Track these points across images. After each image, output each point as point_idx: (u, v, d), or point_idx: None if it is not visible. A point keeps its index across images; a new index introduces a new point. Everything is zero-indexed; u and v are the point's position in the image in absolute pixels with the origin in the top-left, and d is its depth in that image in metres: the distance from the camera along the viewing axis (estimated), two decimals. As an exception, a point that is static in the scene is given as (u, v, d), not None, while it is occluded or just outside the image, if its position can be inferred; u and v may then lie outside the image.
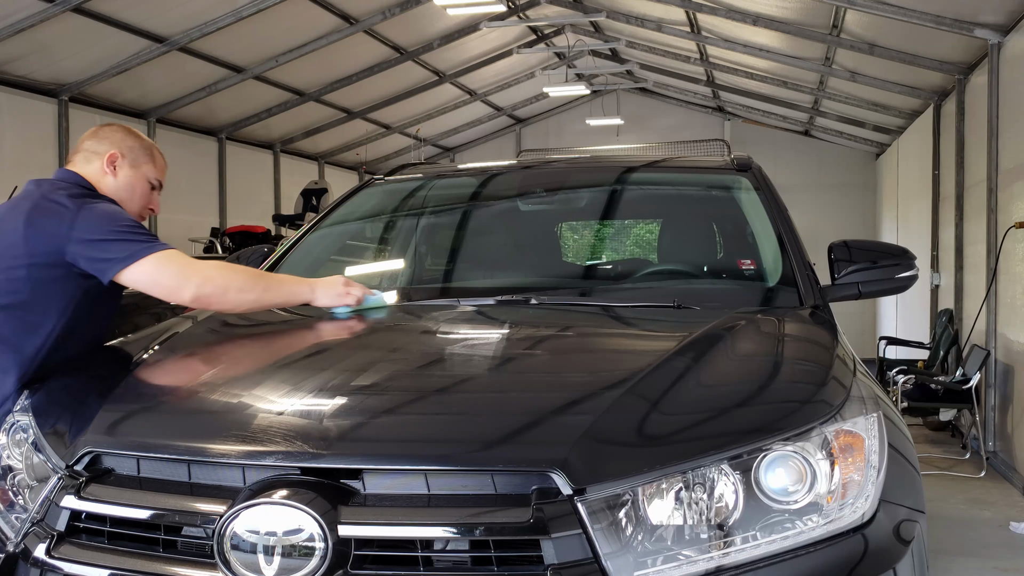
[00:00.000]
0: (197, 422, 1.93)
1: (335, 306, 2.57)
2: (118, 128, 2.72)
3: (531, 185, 3.66)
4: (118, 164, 2.62)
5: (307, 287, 2.58)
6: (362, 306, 2.60)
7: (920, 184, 10.06)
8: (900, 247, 2.96)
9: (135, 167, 2.65)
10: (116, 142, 2.65)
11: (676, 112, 15.59)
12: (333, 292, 2.58)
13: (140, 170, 2.67)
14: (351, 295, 2.59)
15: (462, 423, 1.89)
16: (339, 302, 2.58)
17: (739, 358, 2.18)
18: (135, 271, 2.37)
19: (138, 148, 2.67)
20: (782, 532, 1.71)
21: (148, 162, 2.69)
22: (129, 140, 2.67)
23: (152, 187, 2.72)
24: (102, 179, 2.60)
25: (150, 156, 2.70)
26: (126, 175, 2.63)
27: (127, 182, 2.64)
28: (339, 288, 2.59)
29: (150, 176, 2.70)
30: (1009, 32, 6.71)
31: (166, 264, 2.41)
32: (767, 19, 8.91)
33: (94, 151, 2.62)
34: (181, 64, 9.45)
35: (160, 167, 2.74)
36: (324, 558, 1.60)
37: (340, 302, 2.58)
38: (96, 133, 2.68)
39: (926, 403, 7.41)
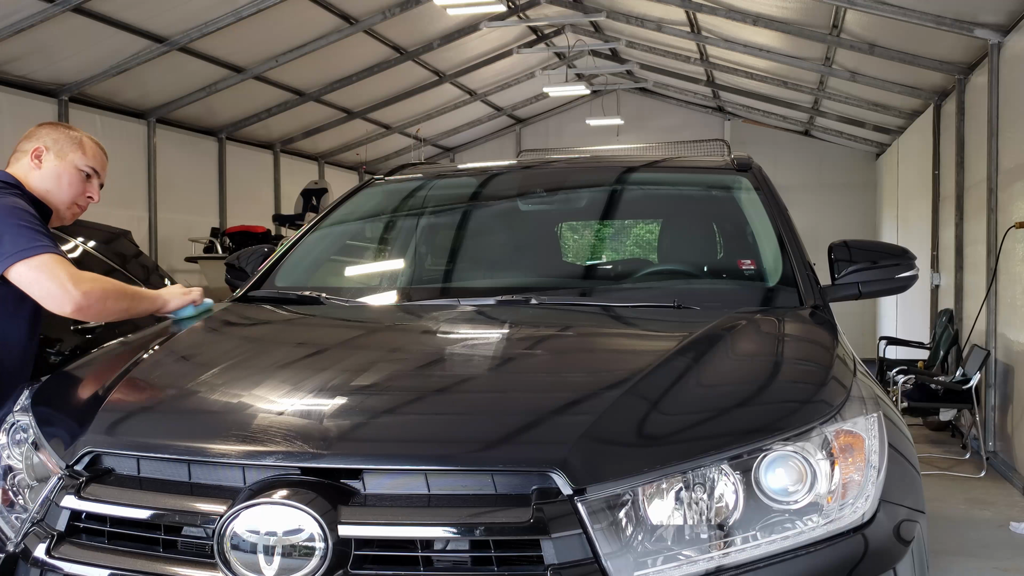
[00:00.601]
0: (197, 422, 1.93)
1: (183, 305, 2.73)
2: (46, 125, 2.77)
3: (531, 185, 3.66)
4: (43, 156, 2.66)
5: (158, 296, 2.72)
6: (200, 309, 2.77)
7: (920, 184, 10.06)
8: (900, 247, 2.96)
9: (60, 157, 2.68)
10: (40, 137, 2.70)
11: (676, 112, 15.59)
12: (178, 294, 2.74)
13: (66, 159, 2.69)
14: (191, 292, 2.76)
15: (462, 423, 1.89)
16: (186, 300, 2.73)
17: (739, 358, 2.18)
18: (22, 268, 2.39)
19: (63, 139, 2.70)
20: (782, 532, 1.71)
21: (75, 150, 2.70)
22: (54, 133, 2.72)
23: (87, 175, 2.73)
24: (29, 174, 2.64)
25: (77, 144, 2.72)
26: (51, 165, 2.67)
27: (52, 172, 2.67)
28: (181, 289, 2.79)
29: (79, 163, 2.71)
30: (1009, 32, 6.71)
31: (56, 269, 2.42)
32: (767, 19, 8.91)
33: (22, 149, 2.69)
34: (181, 64, 9.44)
35: (91, 154, 2.74)
36: (324, 558, 1.60)
37: (186, 300, 2.74)
38: (28, 133, 2.74)
39: (926, 403, 7.41)
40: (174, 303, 2.74)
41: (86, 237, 4.50)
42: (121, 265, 4.50)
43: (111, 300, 2.52)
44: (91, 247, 4.44)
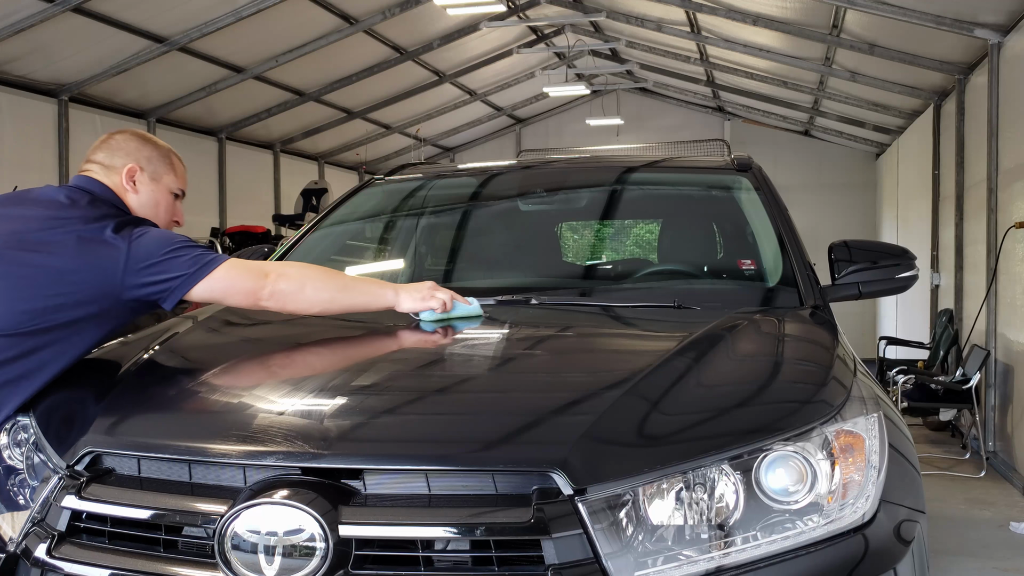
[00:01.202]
0: (198, 422, 1.93)
1: (419, 310, 2.42)
2: (131, 136, 2.51)
3: (531, 185, 3.67)
4: (138, 179, 2.43)
5: (390, 290, 2.43)
6: (450, 314, 2.43)
7: (920, 184, 10.07)
8: (900, 247, 2.96)
9: (155, 180, 2.47)
10: (132, 152, 2.45)
11: (676, 112, 15.59)
12: (417, 295, 2.43)
13: (162, 182, 2.48)
14: (436, 299, 2.42)
15: (463, 423, 1.89)
16: (423, 305, 2.42)
17: (739, 358, 2.18)
18: (209, 282, 2.23)
19: (157, 158, 2.48)
20: (782, 532, 1.71)
21: (168, 172, 2.50)
22: (146, 149, 2.48)
23: (175, 196, 2.54)
24: (125, 196, 2.41)
25: (170, 165, 2.52)
26: (148, 190, 2.45)
27: (150, 197, 2.45)
28: (423, 291, 2.43)
29: (172, 187, 2.51)
30: (1009, 32, 6.71)
31: (239, 267, 2.29)
32: (767, 19, 8.91)
33: (111, 165, 2.42)
34: (181, 64, 9.45)
35: (181, 174, 2.56)
36: (325, 558, 1.60)
37: (424, 305, 2.41)
38: (108, 143, 2.48)
39: (926, 403, 7.41)
40: (407, 304, 2.43)
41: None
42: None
43: (309, 290, 2.32)
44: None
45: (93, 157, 2.45)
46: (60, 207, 2.28)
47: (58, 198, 2.30)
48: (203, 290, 2.24)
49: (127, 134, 2.51)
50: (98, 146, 2.48)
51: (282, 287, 2.29)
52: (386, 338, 2.55)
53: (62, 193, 2.32)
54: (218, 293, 2.27)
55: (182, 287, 2.22)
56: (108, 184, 2.39)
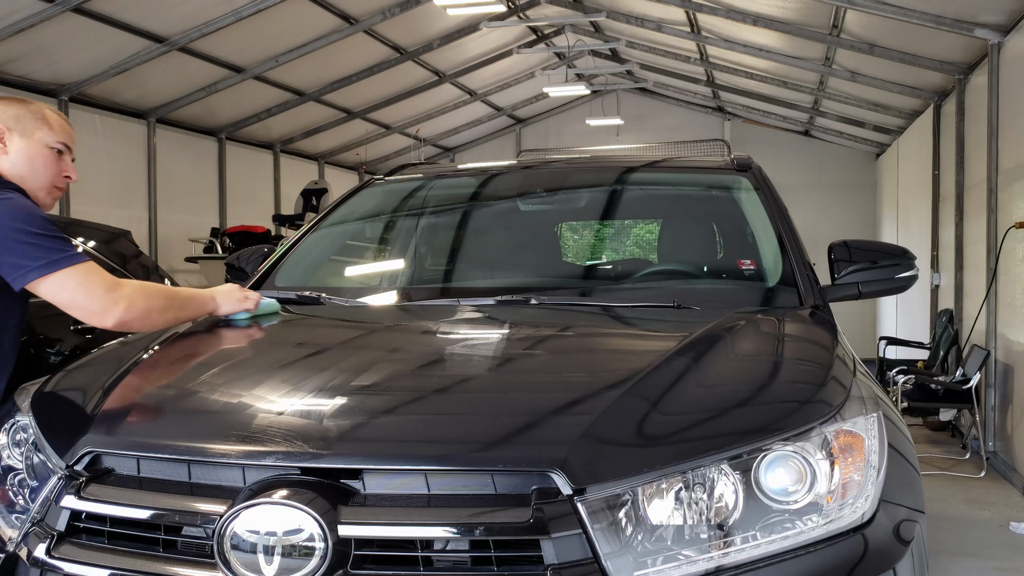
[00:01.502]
0: (197, 422, 1.93)
1: (236, 311, 2.57)
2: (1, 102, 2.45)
3: (531, 185, 3.66)
4: (6, 138, 2.37)
5: (209, 298, 2.53)
6: (258, 311, 2.62)
7: (920, 184, 10.07)
8: (900, 247, 2.96)
9: (26, 136, 2.39)
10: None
11: (676, 112, 15.59)
12: (233, 299, 2.57)
13: (34, 138, 2.40)
14: (249, 299, 2.59)
15: (462, 423, 1.89)
16: (240, 307, 2.57)
17: (739, 358, 2.18)
18: (54, 281, 2.17)
19: (24, 115, 2.41)
20: (782, 532, 1.71)
21: (41, 126, 2.42)
22: (12, 109, 2.41)
23: (59, 152, 2.45)
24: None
25: (41, 119, 2.43)
26: (19, 147, 2.38)
27: (23, 154, 2.39)
28: (237, 294, 2.59)
29: (49, 141, 2.42)
30: (1009, 32, 6.71)
31: (91, 280, 2.22)
32: (767, 19, 8.91)
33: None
34: (181, 64, 9.44)
35: (59, 128, 2.46)
36: (324, 558, 1.60)
37: (241, 307, 2.58)
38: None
39: (926, 403, 7.41)
40: (226, 308, 2.56)
41: (86, 237, 4.50)
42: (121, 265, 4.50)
43: (156, 311, 2.33)
44: (91, 247, 4.44)
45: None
46: None
47: None
48: (47, 289, 2.18)
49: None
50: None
51: (128, 317, 2.27)
52: (386, 338, 2.55)
53: None
54: (62, 300, 2.21)
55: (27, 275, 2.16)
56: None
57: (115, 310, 2.23)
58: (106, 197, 9.62)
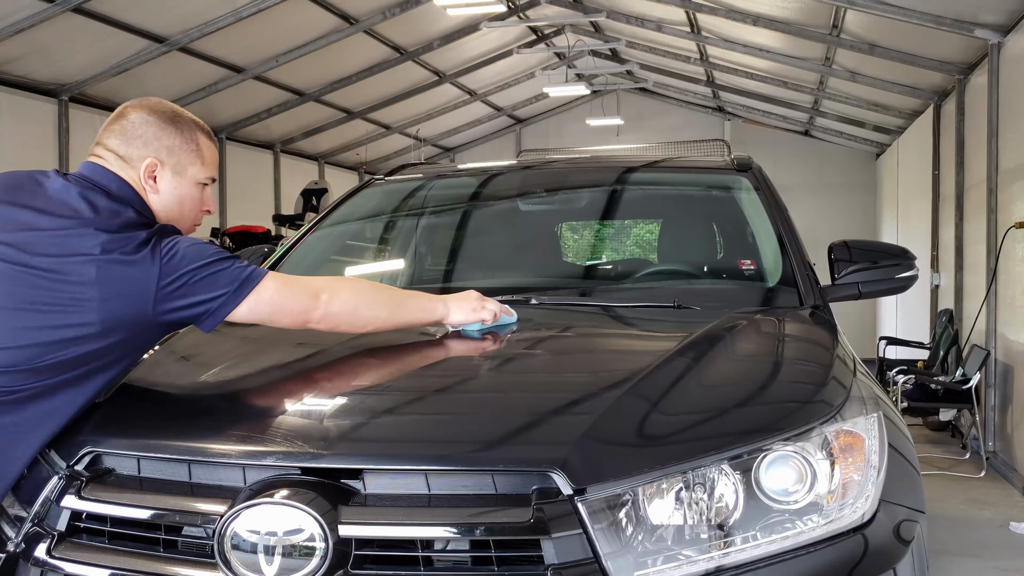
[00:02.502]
0: (197, 422, 1.93)
1: (469, 322, 2.32)
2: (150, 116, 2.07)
3: (531, 185, 3.67)
4: (159, 175, 2.06)
5: (440, 303, 2.29)
6: (497, 324, 2.36)
7: (920, 184, 10.07)
8: (900, 247, 2.96)
9: (179, 173, 2.09)
10: (150, 141, 2.05)
11: (676, 112, 15.59)
12: (467, 307, 2.32)
13: (186, 176, 2.10)
14: (486, 309, 2.33)
15: (462, 423, 1.89)
16: (473, 317, 2.31)
17: (739, 358, 2.18)
18: (254, 300, 1.96)
19: (180, 147, 2.08)
20: (782, 532, 1.71)
21: (195, 161, 2.11)
22: (167, 135, 2.07)
23: (204, 185, 2.16)
24: (144, 194, 2.06)
25: (196, 152, 2.11)
26: (170, 187, 2.08)
27: (173, 197, 2.09)
28: (473, 303, 2.33)
29: (199, 178, 2.13)
30: (1009, 32, 6.71)
31: (287, 285, 2.03)
32: (767, 19, 8.91)
33: (128, 157, 2.05)
34: (181, 64, 9.44)
35: (210, 160, 2.15)
36: (324, 558, 1.60)
37: (475, 317, 2.32)
38: (123, 125, 2.06)
39: (926, 403, 7.41)
40: (457, 317, 2.29)
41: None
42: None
43: (366, 306, 2.12)
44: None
45: (106, 141, 2.07)
46: (74, 212, 1.94)
47: (71, 201, 1.96)
48: (247, 310, 1.97)
49: (144, 111, 2.08)
50: (111, 125, 2.09)
51: (335, 309, 2.07)
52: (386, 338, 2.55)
53: (74, 191, 1.98)
54: (264, 314, 2.01)
55: (223, 308, 1.95)
56: (126, 179, 2.03)
57: (318, 304, 2.04)
58: (106, 197, 9.61)
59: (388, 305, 2.19)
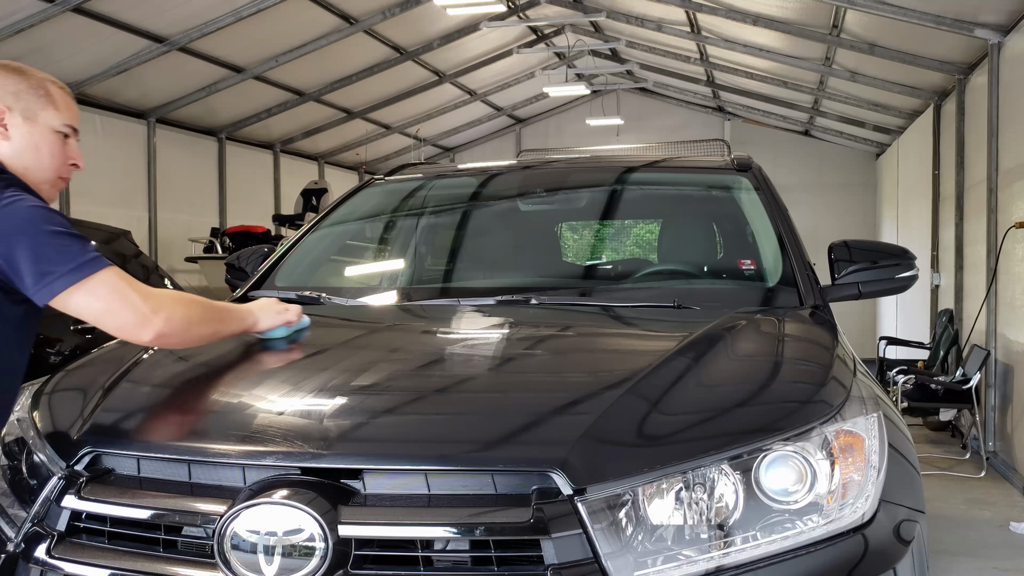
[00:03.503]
0: (197, 422, 1.93)
1: (275, 326, 2.35)
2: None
3: (531, 185, 3.67)
4: (7, 121, 1.98)
5: (248, 313, 2.29)
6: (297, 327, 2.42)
7: (920, 184, 10.07)
8: (900, 247, 2.96)
9: (30, 118, 2.00)
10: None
11: (676, 112, 15.59)
12: (271, 311, 2.34)
13: (38, 121, 2.01)
14: (289, 311, 2.37)
15: (462, 423, 1.89)
16: (279, 320, 2.34)
17: (739, 358, 2.18)
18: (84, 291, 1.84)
19: (27, 91, 2.00)
20: (782, 532, 1.71)
21: (47, 105, 2.02)
22: (10, 83, 2.00)
23: (64, 135, 2.06)
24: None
25: (46, 96, 2.02)
26: (23, 133, 1.99)
27: (27, 141, 1.99)
28: (276, 307, 2.37)
29: (55, 124, 2.03)
30: (1009, 32, 6.71)
31: (127, 287, 1.91)
32: (767, 19, 8.91)
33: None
34: (181, 64, 9.45)
35: (65, 106, 2.05)
36: (324, 558, 1.60)
37: (280, 320, 2.35)
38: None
39: (926, 403, 7.41)
40: (266, 322, 2.31)
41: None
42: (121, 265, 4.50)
43: (196, 323, 2.04)
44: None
45: None
46: None
47: None
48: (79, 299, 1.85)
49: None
50: None
51: (168, 330, 1.96)
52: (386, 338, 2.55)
53: None
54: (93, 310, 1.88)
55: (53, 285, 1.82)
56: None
57: (155, 321, 1.92)
58: (106, 197, 9.62)
59: (213, 321, 2.13)
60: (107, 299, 1.88)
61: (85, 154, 2.16)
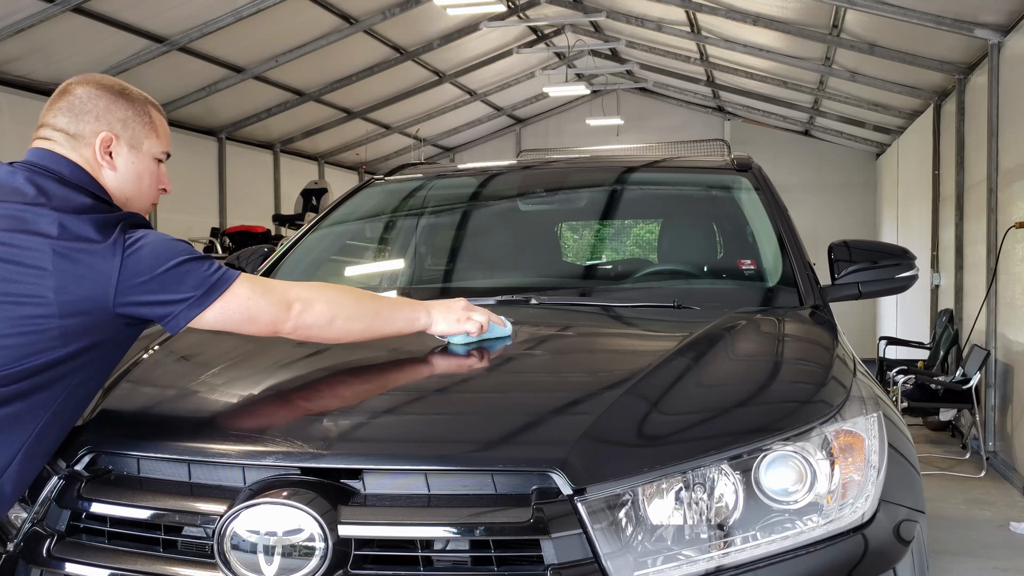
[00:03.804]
0: (197, 422, 1.93)
1: (453, 333, 2.17)
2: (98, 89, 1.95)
3: (531, 185, 3.67)
4: (114, 149, 1.93)
5: (423, 311, 2.13)
6: (485, 336, 2.21)
7: (920, 184, 10.07)
8: (900, 247, 2.96)
9: (136, 147, 1.96)
10: (102, 115, 1.92)
11: (676, 112, 15.59)
12: (452, 317, 2.16)
13: (142, 150, 1.98)
14: (472, 320, 2.18)
15: (462, 423, 1.89)
16: (458, 328, 2.16)
17: (739, 358, 2.18)
18: (221, 307, 1.84)
19: (133, 118, 1.96)
20: (782, 532, 1.71)
21: (150, 133, 1.99)
22: (119, 108, 1.94)
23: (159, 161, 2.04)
24: (98, 173, 1.92)
25: (150, 124, 1.99)
26: (128, 163, 1.95)
27: (131, 172, 1.96)
28: (458, 313, 2.17)
29: (156, 152, 2.01)
30: (1009, 32, 6.71)
31: (258, 291, 1.89)
32: (767, 19, 8.91)
33: (76, 132, 1.90)
34: (181, 64, 9.45)
35: (163, 132, 2.04)
36: (324, 558, 1.60)
37: (459, 328, 2.16)
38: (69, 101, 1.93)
39: (926, 403, 7.41)
40: (442, 327, 2.14)
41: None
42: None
43: (343, 318, 1.98)
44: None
45: (52, 120, 1.92)
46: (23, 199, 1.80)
47: (17, 185, 1.82)
48: (213, 316, 1.85)
49: (91, 86, 1.95)
50: (56, 103, 1.94)
51: (308, 320, 1.94)
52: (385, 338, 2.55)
53: (21, 177, 1.84)
54: (233, 322, 1.88)
55: (188, 311, 1.82)
56: (78, 161, 1.90)
57: (289, 316, 1.90)
58: (106, 197, 9.61)
59: (366, 316, 2.04)
60: (240, 312, 1.87)
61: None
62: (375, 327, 2.06)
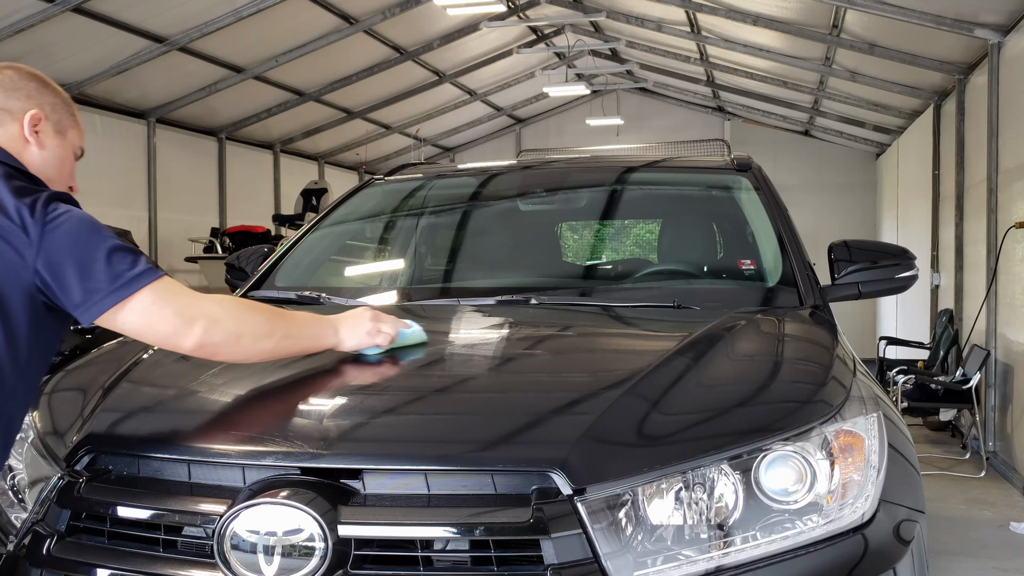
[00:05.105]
0: (197, 422, 1.93)
1: (364, 347, 2.13)
2: (27, 74, 1.94)
3: (531, 185, 3.67)
4: (42, 129, 1.91)
5: (331, 329, 2.09)
6: (396, 344, 2.17)
7: (920, 184, 10.06)
8: (900, 247, 2.96)
9: (61, 133, 1.96)
10: (32, 95, 1.91)
11: (676, 112, 15.59)
12: (361, 331, 2.10)
13: (66, 137, 1.97)
14: (382, 333, 2.12)
15: (462, 423, 1.89)
16: (368, 342, 2.11)
17: (739, 358, 2.18)
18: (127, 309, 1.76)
19: (61, 107, 1.96)
20: (782, 532, 1.71)
21: (73, 124, 1.99)
22: (48, 94, 1.94)
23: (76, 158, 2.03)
24: (25, 150, 1.88)
25: (72, 116, 1.99)
26: (53, 144, 1.94)
27: (55, 155, 1.94)
28: (367, 326, 2.11)
29: (76, 144, 2.01)
30: (1009, 32, 6.71)
31: (161, 302, 1.79)
32: (767, 19, 8.91)
33: (4, 108, 1.88)
34: (181, 64, 9.45)
35: (82, 132, 2.04)
36: (324, 558, 1.60)
37: (369, 342, 2.12)
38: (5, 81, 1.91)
39: (926, 403, 7.41)
40: (351, 343, 2.09)
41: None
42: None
43: (250, 337, 1.90)
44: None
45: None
46: None
47: None
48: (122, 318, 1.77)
49: (19, 71, 1.94)
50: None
51: (212, 339, 1.85)
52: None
53: None
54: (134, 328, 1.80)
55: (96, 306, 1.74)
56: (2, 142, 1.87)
57: (192, 331, 1.81)
58: (106, 197, 9.62)
59: (274, 336, 1.95)
60: (145, 313, 1.78)
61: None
62: (283, 347, 1.99)
